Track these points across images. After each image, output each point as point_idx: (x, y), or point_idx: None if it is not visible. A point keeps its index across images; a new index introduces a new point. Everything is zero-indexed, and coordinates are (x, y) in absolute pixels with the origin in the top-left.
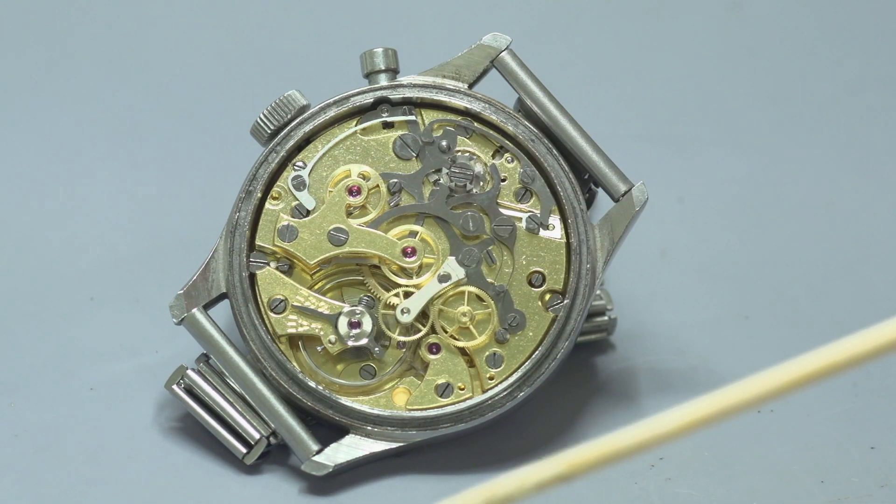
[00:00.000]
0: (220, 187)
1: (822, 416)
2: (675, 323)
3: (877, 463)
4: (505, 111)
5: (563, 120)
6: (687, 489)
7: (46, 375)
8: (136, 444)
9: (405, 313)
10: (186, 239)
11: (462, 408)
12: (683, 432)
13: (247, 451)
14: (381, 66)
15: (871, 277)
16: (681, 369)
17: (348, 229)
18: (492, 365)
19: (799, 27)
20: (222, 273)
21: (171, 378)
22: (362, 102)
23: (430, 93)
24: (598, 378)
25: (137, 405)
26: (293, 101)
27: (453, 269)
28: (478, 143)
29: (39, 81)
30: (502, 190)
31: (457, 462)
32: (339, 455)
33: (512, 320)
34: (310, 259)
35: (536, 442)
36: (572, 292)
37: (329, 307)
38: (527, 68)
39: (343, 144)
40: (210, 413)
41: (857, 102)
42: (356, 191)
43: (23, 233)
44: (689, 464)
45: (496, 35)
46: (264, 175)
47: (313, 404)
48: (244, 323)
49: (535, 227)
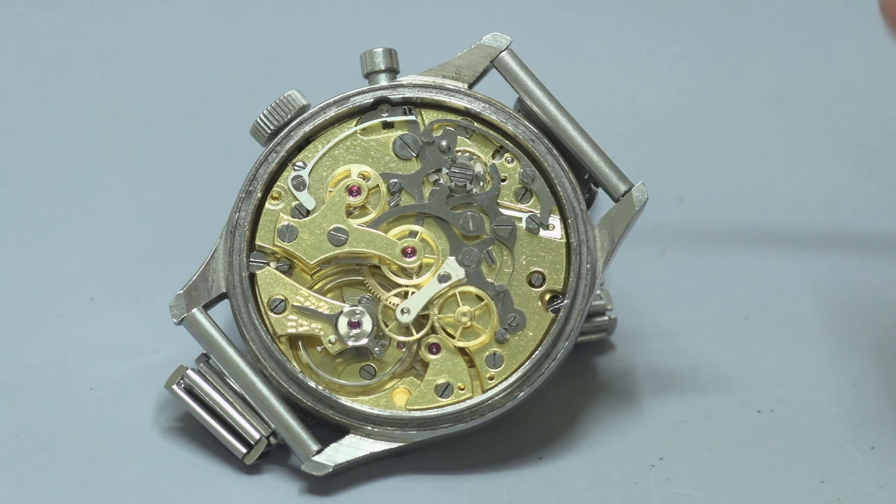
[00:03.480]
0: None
1: (822, 416)
2: (675, 323)
3: (877, 463)
4: (505, 111)
5: (562, 120)
6: (687, 489)
7: (46, 375)
8: (136, 444)
9: (405, 313)
10: (186, 239)
11: (462, 408)
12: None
13: (247, 451)
14: (381, 66)
15: (872, 277)
16: (681, 369)
17: (348, 229)
18: (492, 365)
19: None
20: (222, 273)
21: (171, 378)
22: (362, 102)
23: (430, 93)
24: (598, 378)
25: (137, 405)
26: (293, 101)
27: (453, 269)
28: (478, 143)
29: (39, 81)
30: (502, 190)
31: (457, 462)
32: (339, 455)
33: (512, 320)
34: (310, 259)
35: (536, 442)
36: (572, 292)
37: (329, 307)
38: (527, 68)
39: (343, 144)
40: (210, 413)
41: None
42: (356, 191)
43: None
44: (689, 464)
45: (496, 35)
46: (264, 175)
47: (313, 404)
48: (244, 323)
49: (535, 227)
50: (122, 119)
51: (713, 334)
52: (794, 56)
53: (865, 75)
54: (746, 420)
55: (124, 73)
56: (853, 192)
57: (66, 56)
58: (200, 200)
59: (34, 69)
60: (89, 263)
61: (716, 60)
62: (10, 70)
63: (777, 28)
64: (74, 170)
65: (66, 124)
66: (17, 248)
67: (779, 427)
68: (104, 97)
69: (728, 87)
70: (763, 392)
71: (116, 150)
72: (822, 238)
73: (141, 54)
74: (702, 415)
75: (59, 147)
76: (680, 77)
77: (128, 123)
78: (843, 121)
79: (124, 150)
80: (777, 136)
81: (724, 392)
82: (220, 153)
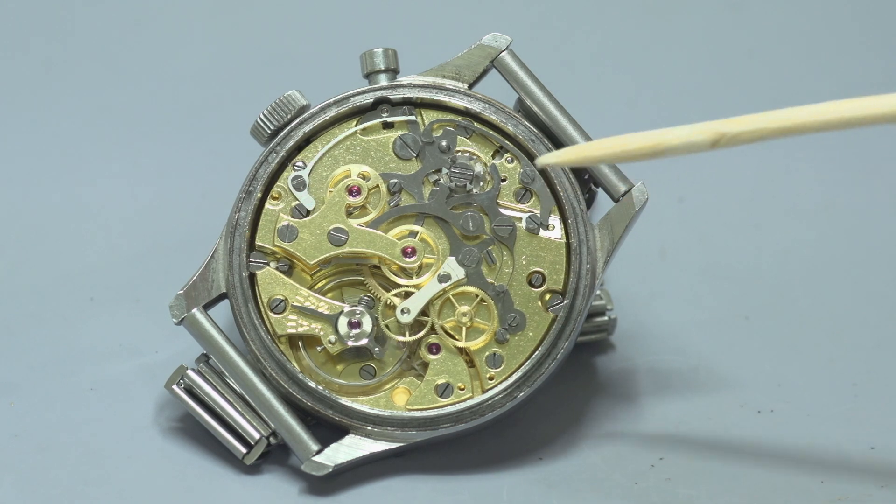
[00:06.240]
0: (220, 187)
1: (822, 416)
2: (675, 323)
3: (877, 463)
4: (505, 111)
5: (562, 120)
6: (687, 489)
7: (46, 375)
8: (136, 444)
9: (405, 313)
10: (186, 239)
11: (462, 408)
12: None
13: (247, 452)
14: (381, 66)
15: (872, 277)
16: (681, 369)
17: (348, 229)
18: (492, 365)
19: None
20: (222, 273)
21: (171, 378)
22: (362, 102)
23: (430, 93)
24: (598, 378)
25: (137, 405)
26: (293, 101)
27: (453, 270)
28: (478, 144)
29: (39, 81)
30: (502, 190)
31: (457, 462)
32: (338, 455)
33: (512, 320)
34: (310, 259)
35: (536, 442)
36: (572, 292)
37: (329, 307)
38: (527, 68)
39: (343, 144)
40: (210, 413)
41: None
42: (356, 191)
43: (23, 233)
44: (689, 464)
45: (496, 35)
46: (264, 175)
47: (313, 404)
48: (244, 323)
49: (534, 227)
50: (123, 119)
51: (713, 334)
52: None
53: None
54: (746, 420)
55: (124, 72)
56: (853, 192)
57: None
58: (200, 200)
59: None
60: (89, 263)
61: (716, 60)
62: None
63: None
64: (74, 169)
65: (66, 124)
66: (18, 248)
67: (779, 427)
68: (104, 96)
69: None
70: (763, 392)
71: (117, 150)
72: (822, 238)
73: (141, 54)
74: (702, 415)
75: (59, 147)
76: (680, 77)
77: (128, 123)
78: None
79: (124, 150)
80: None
81: (724, 392)
82: (220, 153)
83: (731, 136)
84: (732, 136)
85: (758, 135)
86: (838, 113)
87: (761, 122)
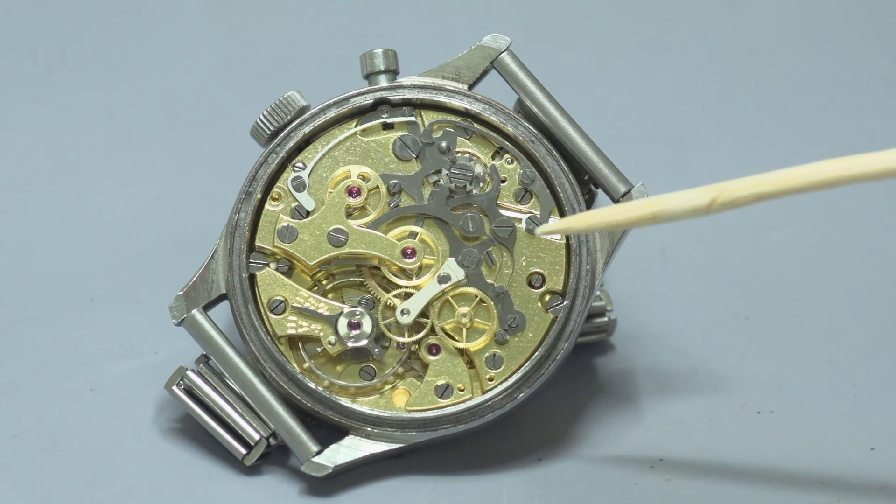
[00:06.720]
0: (220, 188)
1: (822, 417)
2: (674, 323)
3: (877, 463)
4: (505, 112)
5: (562, 121)
6: (687, 489)
7: (46, 376)
8: (136, 444)
9: (405, 314)
10: (186, 239)
11: (462, 409)
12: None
13: (247, 452)
14: (381, 66)
15: (871, 278)
16: (681, 370)
17: (348, 230)
18: (491, 366)
19: (799, 27)
20: (222, 274)
21: (170, 379)
22: (362, 103)
23: (429, 94)
24: (597, 379)
25: (137, 405)
26: (293, 101)
27: (453, 270)
28: (477, 144)
29: (39, 82)
30: (502, 191)
31: (457, 463)
32: (338, 456)
33: (512, 321)
34: (309, 260)
35: (536, 443)
36: (572, 293)
37: (329, 308)
38: (526, 69)
39: (343, 145)
40: (210, 414)
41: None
42: (356, 192)
43: (23, 233)
44: (689, 464)
45: (496, 36)
46: (264, 176)
47: (313, 405)
48: (244, 324)
49: (534, 228)
50: (123, 119)
51: (713, 334)
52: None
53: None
54: (746, 420)
55: (124, 72)
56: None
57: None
58: (200, 200)
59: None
60: (89, 264)
61: (716, 60)
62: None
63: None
64: (75, 170)
65: (66, 124)
66: (18, 248)
67: (779, 427)
68: (104, 97)
69: (728, 87)
70: (763, 392)
71: (116, 151)
72: (822, 238)
73: (141, 54)
74: (702, 415)
75: (60, 147)
76: (680, 77)
77: (128, 123)
78: (844, 121)
79: (124, 150)
80: (777, 136)
81: (724, 392)
82: (220, 153)
83: (727, 201)
84: (729, 201)
85: (754, 198)
86: (834, 173)
87: (758, 185)
